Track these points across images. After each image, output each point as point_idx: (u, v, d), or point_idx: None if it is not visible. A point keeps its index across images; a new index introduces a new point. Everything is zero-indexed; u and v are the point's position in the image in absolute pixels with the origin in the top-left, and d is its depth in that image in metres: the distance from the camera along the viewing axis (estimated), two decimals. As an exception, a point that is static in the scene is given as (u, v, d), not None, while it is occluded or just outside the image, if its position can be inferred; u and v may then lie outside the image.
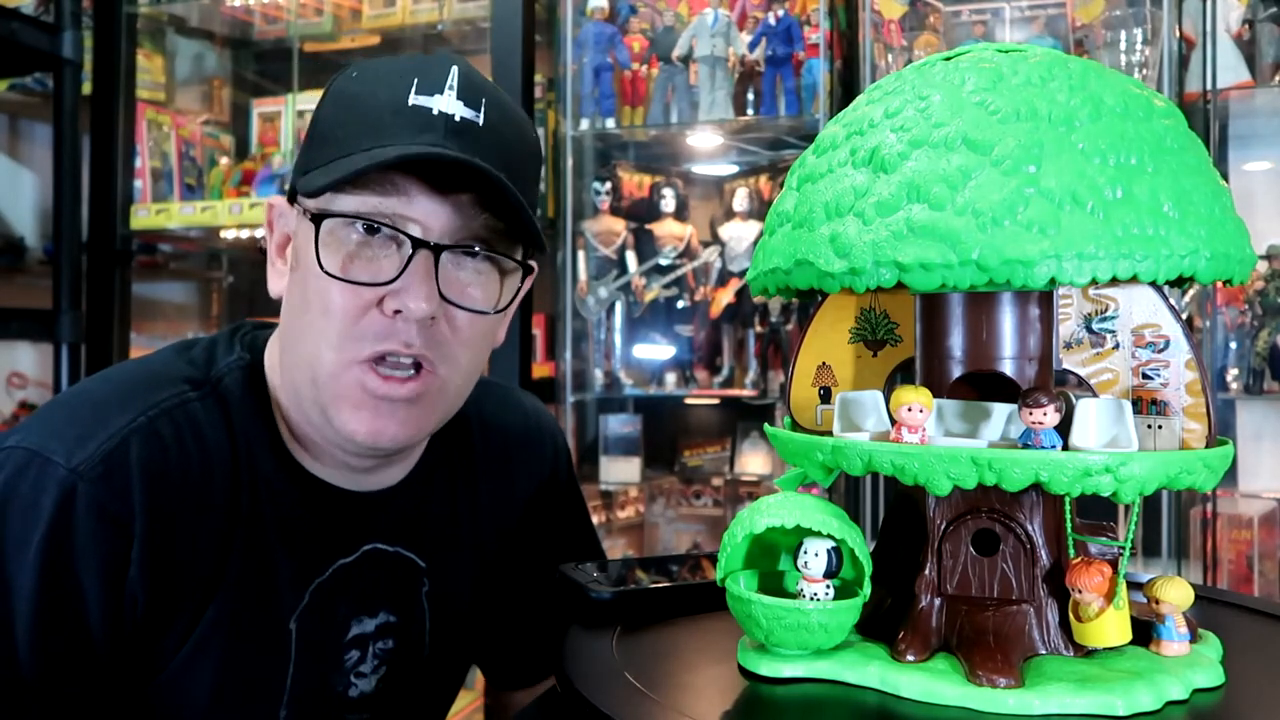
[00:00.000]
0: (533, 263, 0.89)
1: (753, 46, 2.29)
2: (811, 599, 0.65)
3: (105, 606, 0.78)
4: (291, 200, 0.87)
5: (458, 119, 0.80)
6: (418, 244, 0.80)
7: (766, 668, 0.65)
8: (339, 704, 0.91)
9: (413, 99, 0.80)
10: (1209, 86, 2.02)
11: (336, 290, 0.80)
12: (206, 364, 0.89)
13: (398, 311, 0.80)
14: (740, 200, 2.43)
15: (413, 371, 0.82)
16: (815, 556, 0.65)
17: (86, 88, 2.39)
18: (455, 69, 0.82)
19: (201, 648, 0.83)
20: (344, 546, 0.91)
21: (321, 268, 0.80)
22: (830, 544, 0.65)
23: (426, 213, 0.80)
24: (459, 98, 0.81)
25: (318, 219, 0.81)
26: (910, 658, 0.64)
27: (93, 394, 0.84)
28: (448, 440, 1.00)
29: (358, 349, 0.81)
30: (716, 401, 2.58)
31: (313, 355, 0.82)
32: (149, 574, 0.79)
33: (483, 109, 0.82)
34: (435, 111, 0.80)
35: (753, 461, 2.53)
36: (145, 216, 2.56)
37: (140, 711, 0.83)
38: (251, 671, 0.86)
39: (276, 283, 0.89)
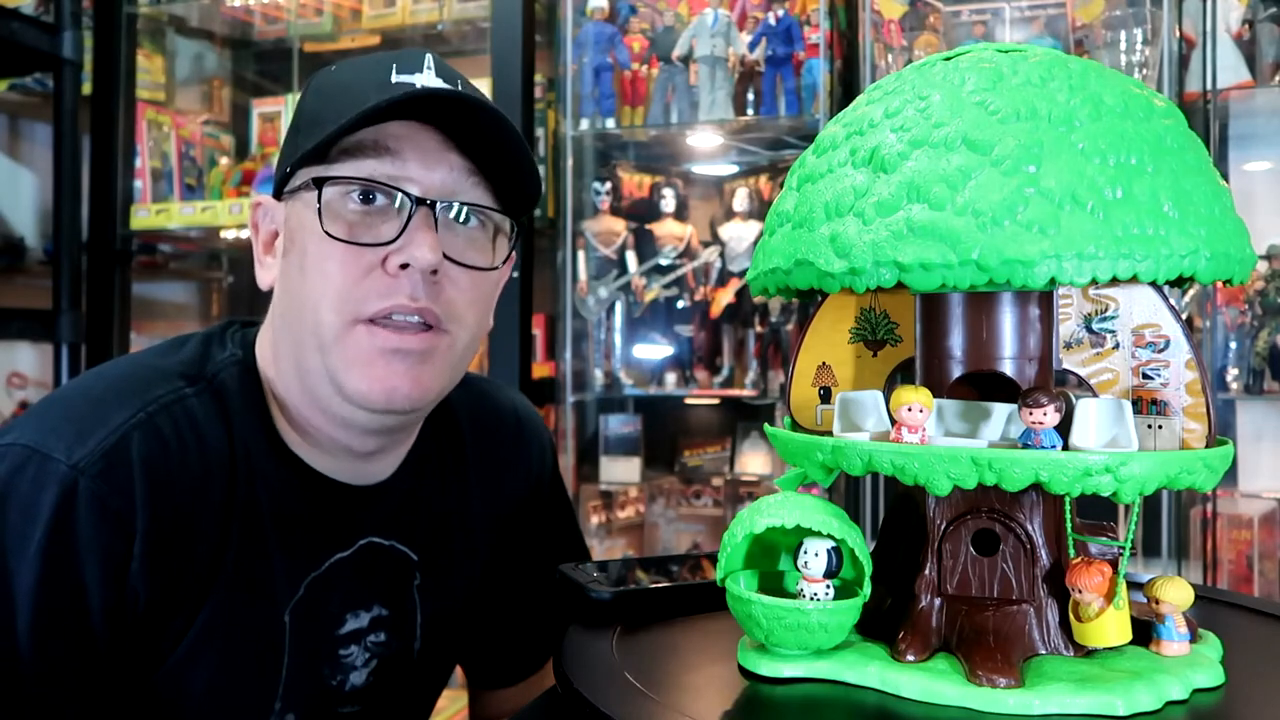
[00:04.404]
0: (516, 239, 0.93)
1: (753, 46, 2.29)
2: (811, 599, 0.65)
3: (107, 602, 0.78)
4: (278, 196, 0.88)
5: (440, 90, 0.83)
6: (417, 201, 0.82)
7: (766, 668, 0.65)
8: (332, 696, 0.92)
9: (395, 77, 0.83)
10: (1209, 86, 2.02)
11: (338, 254, 0.82)
12: (200, 360, 0.89)
13: (403, 266, 0.82)
14: (740, 200, 2.43)
15: (422, 328, 0.84)
16: (815, 556, 0.65)
17: (86, 88, 2.39)
18: (429, 55, 0.86)
19: (200, 641, 0.83)
20: (341, 541, 0.91)
21: (324, 230, 0.82)
22: (830, 544, 0.65)
23: (421, 173, 0.83)
24: (438, 75, 0.84)
25: (319, 182, 0.82)
26: (910, 658, 0.64)
27: (89, 390, 0.84)
28: (439, 434, 1.01)
29: (359, 307, 0.82)
30: (716, 401, 2.58)
31: (315, 322, 0.83)
32: (150, 569, 0.79)
33: (460, 85, 0.85)
34: (419, 85, 0.83)
35: (753, 461, 2.53)
36: (145, 216, 2.56)
37: (140, 704, 0.84)
38: (248, 663, 0.86)
39: (265, 276, 0.91)
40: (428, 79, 0.83)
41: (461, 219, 0.86)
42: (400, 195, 0.82)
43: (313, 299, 0.83)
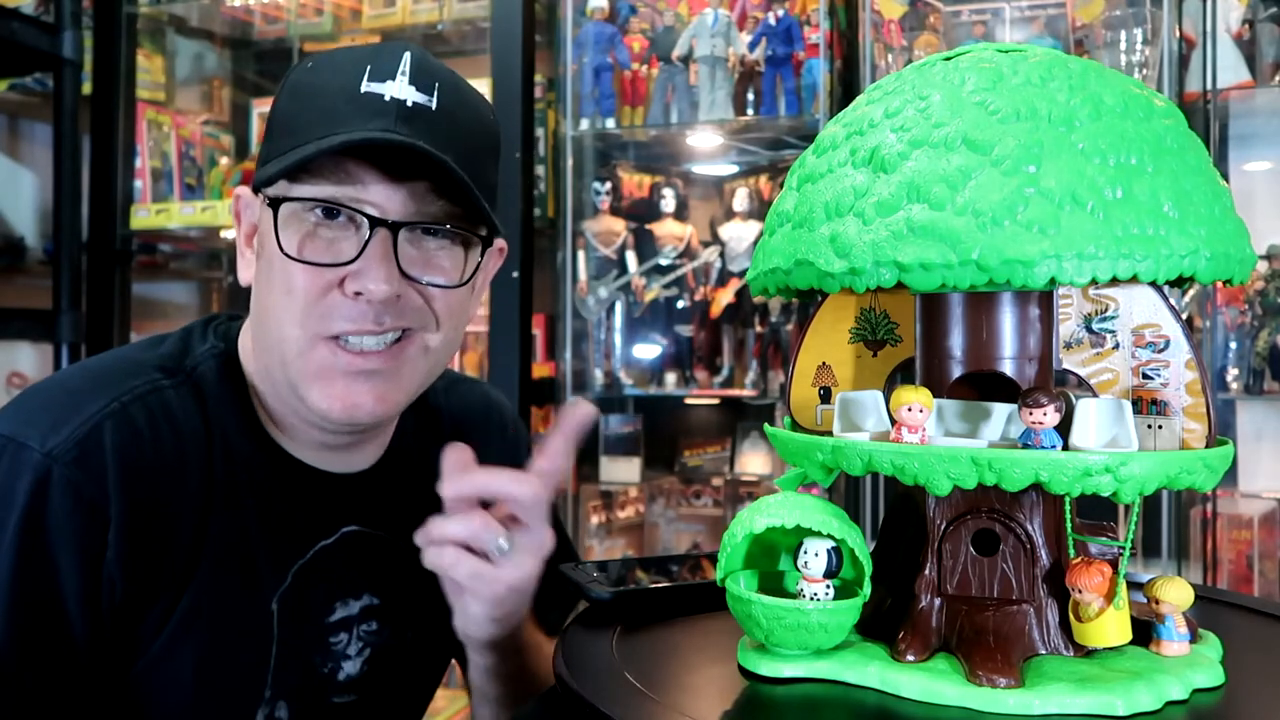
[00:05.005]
0: (499, 240, 0.91)
1: (753, 46, 2.30)
2: (811, 599, 0.65)
3: (82, 591, 0.79)
4: (256, 192, 0.88)
5: (410, 104, 0.81)
6: (375, 223, 0.81)
7: (766, 668, 0.65)
8: (326, 685, 0.92)
9: (365, 86, 0.81)
10: (1209, 86, 2.02)
11: (298, 270, 0.82)
12: (181, 353, 0.90)
13: (359, 294, 0.81)
14: (740, 200, 2.44)
15: (389, 339, 0.84)
16: (815, 556, 0.65)
17: (86, 88, 2.39)
18: (408, 54, 0.83)
19: (182, 632, 0.84)
20: (323, 528, 0.92)
21: (281, 249, 0.81)
22: (830, 544, 0.65)
23: (382, 197, 0.82)
24: (411, 83, 0.82)
25: (275, 203, 0.82)
26: (910, 658, 0.64)
27: (66, 382, 0.86)
28: (421, 428, 1.02)
29: (322, 325, 0.82)
30: (716, 401, 2.59)
31: (279, 335, 0.84)
32: (126, 558, 0.80)
33: (436, 93, 0.83)
34: (387, 97, 0.81)
35: (753, 461, 2.53)
36: (145, 216, 2.56)
37: (127, 697, 0.84)
38: (235, 653, 0.87)
39: (245, 271, 0.91)
40: (399, 87, 0.81)
41: (429, 230, 0.85)
42: (359, 216, 0.82)
43: (276, 312, 0.84)
